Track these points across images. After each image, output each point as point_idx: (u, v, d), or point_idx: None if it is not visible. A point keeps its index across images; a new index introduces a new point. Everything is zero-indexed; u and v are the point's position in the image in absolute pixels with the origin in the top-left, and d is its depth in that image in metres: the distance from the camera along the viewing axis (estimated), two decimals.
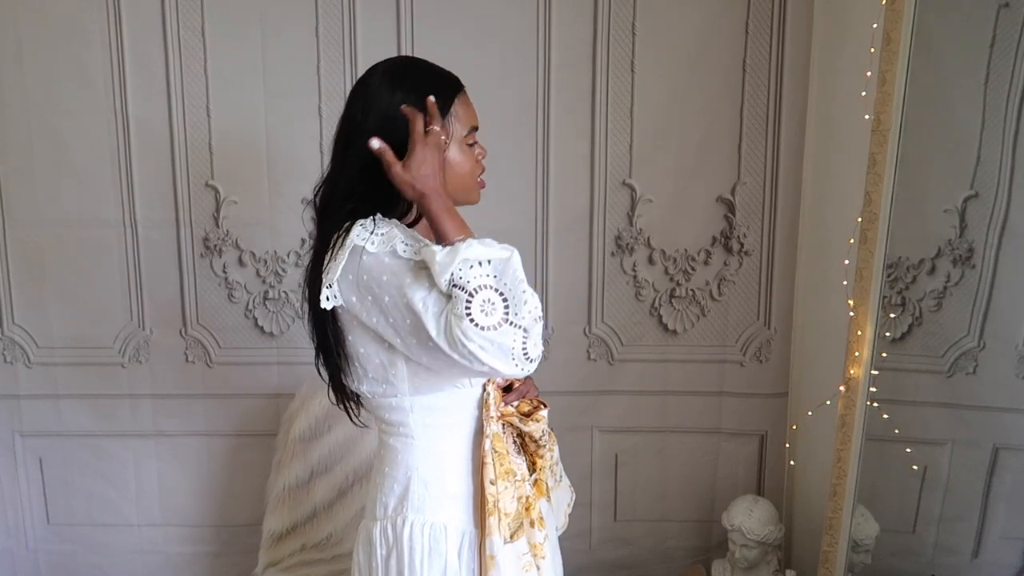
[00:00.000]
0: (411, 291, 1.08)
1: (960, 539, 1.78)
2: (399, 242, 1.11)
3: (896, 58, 1.62)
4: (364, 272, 1.11)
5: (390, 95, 1.15)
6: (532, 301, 1.05)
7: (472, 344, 1.02)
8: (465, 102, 1.23)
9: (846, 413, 1.82)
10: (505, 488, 1.22)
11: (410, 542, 1.22)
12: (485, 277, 1.04)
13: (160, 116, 2.10)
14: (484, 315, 1.02)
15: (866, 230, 1.72)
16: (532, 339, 1.05)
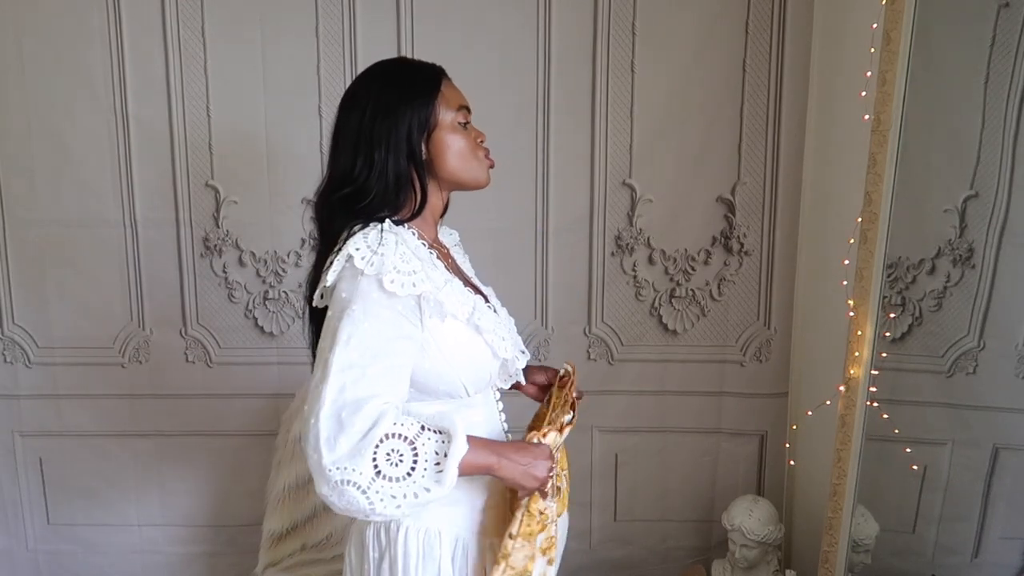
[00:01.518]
0: (347, 331, 1.09)
1: (960, 539, 1.78)
2: (391, 269, 1.11)
3: (896, 58, 1.61)
4: (342, 279, 1.13)
5: (383, 94, 1.20)
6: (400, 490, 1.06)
7: (311, 448, 1.04)
8: (450, 86, 1.28)
9: (846, 413, 1.82)
10: (522, 546, 1.22)
11: (404, 546, 1.22)
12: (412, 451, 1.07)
13: (160, 116, 2.10)
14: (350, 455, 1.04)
15: (866, 230, 1.72)
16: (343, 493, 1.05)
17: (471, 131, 1.28)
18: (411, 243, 1.18)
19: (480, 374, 1.25)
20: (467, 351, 1.22)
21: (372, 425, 1.06)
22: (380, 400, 1.08)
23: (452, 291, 1.19)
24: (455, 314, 1.18)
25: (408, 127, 1.20)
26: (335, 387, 1.06)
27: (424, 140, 1.22)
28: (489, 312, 1.28)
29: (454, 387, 1.22)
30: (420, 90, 1.23)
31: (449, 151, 1.24)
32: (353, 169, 1.20)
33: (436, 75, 1.27)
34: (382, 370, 1.09)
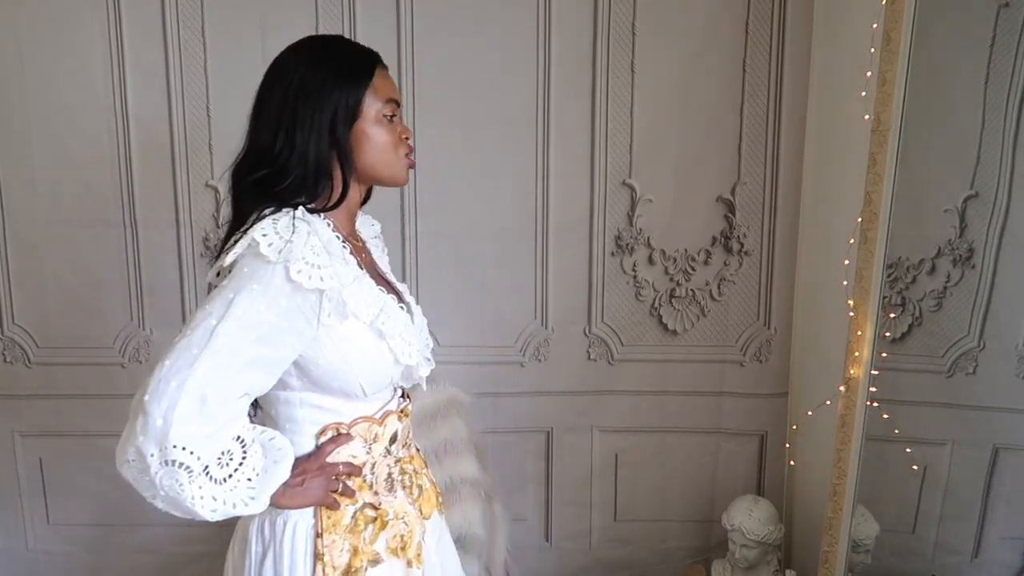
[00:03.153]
0: (242, 307, 1.03)
1: (960, 539, 1.78)
2: (299, 259, 1.05)
3: (896, 58, 1.61)
4: (243, 261, 1.07)
5: (312, 73, 1.14)
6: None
7: (152, 409, 1.01)
8: (383, 75, 1.21)
9: (846, 413, 1.82)
10: (333, 541, 1.18)
11: (292, 541, 1.18)
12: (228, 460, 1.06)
13: (160, 116, 2.10)
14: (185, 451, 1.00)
15: (866, 230, 1.72)
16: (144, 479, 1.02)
17: (396, 126, 1.21)
18: (324, 235, 1.13)
19: (378, 377, 1.20)
20: (365, 353, 1.16)
21: (229, 421, 1.04)
22: (241, 391, 1.05)
23: (360, 290, 1.15)
24: (358, 315, 1.13)
25: (333, 112, 1.14)
26: (211, 361, 1.00)
27: (347, 129, 1.16)
28: (399, 314, 1.22)
29: (350, 386, 1.17)
30: (351, 74, 1.16)
31: (370, 143, 1.18)
32: (273, 147, 1.14)
33: (370, 61, 1.20)
34: (261, 360, 1.05)
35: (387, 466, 1.25)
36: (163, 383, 1.00)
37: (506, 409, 2.29)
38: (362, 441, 1.22)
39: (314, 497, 1.17)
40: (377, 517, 1.23)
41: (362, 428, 1.22)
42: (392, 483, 1.25)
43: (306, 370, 1.15)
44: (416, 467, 1.33)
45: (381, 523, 1.22)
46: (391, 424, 1.26)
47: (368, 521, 1.22)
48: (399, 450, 1.28)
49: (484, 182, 2.16)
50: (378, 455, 1.24)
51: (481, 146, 2.14)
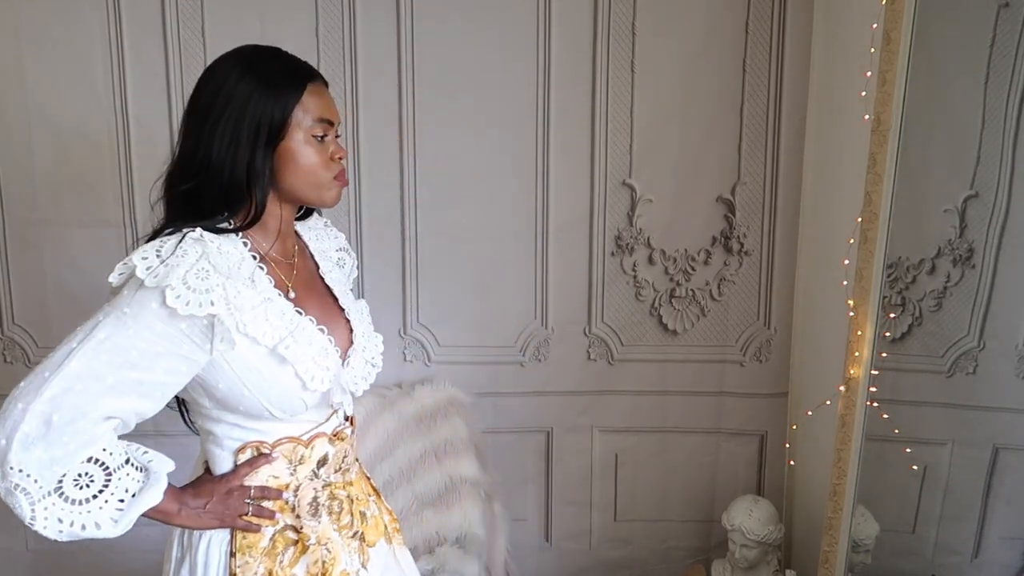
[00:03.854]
0: (106, 332, 1.01)
1: (960, 539, 1.78)
2: (179, 284, 1.01)
3: (896, 58, 1.61)
4: (126, 282, 1.06)
5: (240, 83, 1.10)
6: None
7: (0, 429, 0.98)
8: (317, 92, 1.15)
9: (846, 413, 1.82)
10: (246, 563, 1.16)
11: (206, 554, 1.18)
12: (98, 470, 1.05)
13: (160, 116, 2.10)
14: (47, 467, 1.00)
15: (866, 230, 1.72)
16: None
17: (328, 146, 1.16)
18: (229, 257, 1.09)
19: (286, 402, 1.14)
20: (265, 378, 1.11)
21: (81, 446, 1.01)
22: (99, 416, 1.02)
23: (263, 313, 1.10)
24: (257, 339, 1.08)
25: (256, 126, 1.09)
26: (61, 386, 0.98)
27: (271, 146, 1.11)
28: (315, 337, 1.16)
29: (255, 409, 1.13)
30: (278, 89, 1.11)
31: (293, 164, 1.13)
32: (193, 157, 1.10)
33: (302, 77, 1.14)
34: (130, 384, 1.03)
35: (313, 490, 1.20)
36: (11, 404, 0.99)
37: (506, 409, 2.29)
38: (286, 462, 1.18)
39: (218, 520, 1.16)
40: (299, 540, 1.19)
41: (286, 448, 1.18)
42: (317, 507, 1.21)
43: (210, 392, 1.13)
44: (355, 493, 1.28)
45: (302, 547, 1.19)
46: (320, 447, 1.21)
47: (288, 543, 1.19)
48: (330, 474, 1.23)
49: (484, 182, 2.16)
50: (303, 477, 1.20)
51: (481, 146, 2.14)
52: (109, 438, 1.06)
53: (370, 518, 1.30)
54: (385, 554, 1.33)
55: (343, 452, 1.26)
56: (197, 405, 1.18)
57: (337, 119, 1.18)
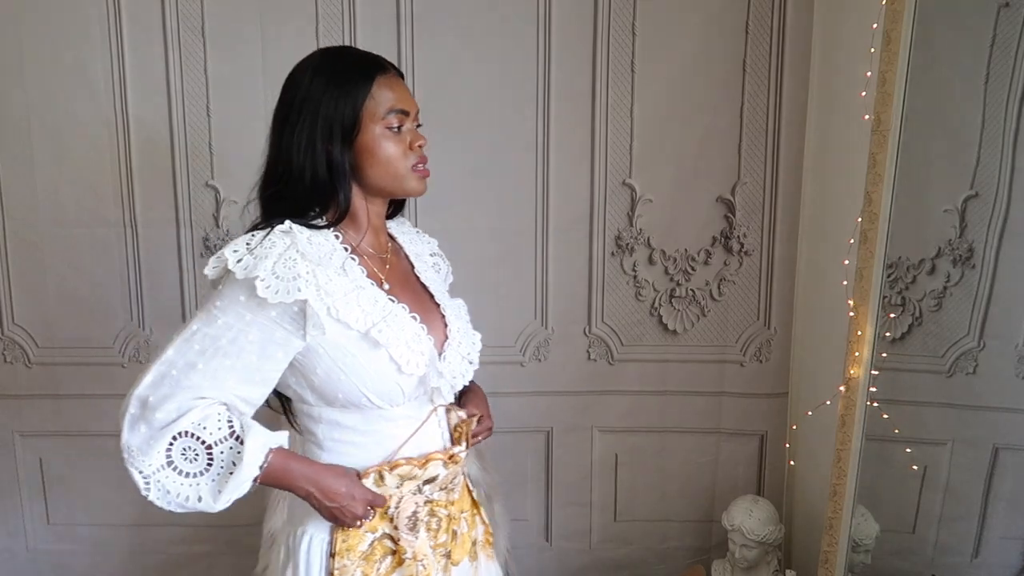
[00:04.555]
0: (198, 325, 1.10)
1: (960, 539, 1.78)
2: (268, 274, 1.07)
3: (896, 58, 1.61)
4: (222, 279, 1.13)
5: (311, 86, 1.16)
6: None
7: (119, 416, 1.09)
8: (387, 84, 1.17)
9: (846, 413, 1.82)
10: (344, 566, 1.19)
11: (307, 554, 1.21)
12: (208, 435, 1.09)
13: (160, 116, 2.10)
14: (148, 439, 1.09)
15: (866, 230, 1.72)
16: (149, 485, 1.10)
17: (406, 136, 1.18)
18: (316, 247, 1.14)
19: (382, 386, 1.17)
20: (360, 362, 1.14)
21: (172, 420, 1.07)
22: (192, 396, 1.08)
23: (355, 299, 1.13)
24: (349, 323, 1.12)
25: (329, 126, 1.14)
26: (159, 373, 1.08)
27: (347, 143, 1.14)
28: (408, 324, 1.18)
29: (354, 397, 1.16)
30: (346, 87, 1.14)
31: (372, 158, 1.16)
32: (277, 162, 1.17)
33: (370, 71, 1.17)
34: (218, 371, 1.09)
35: (415, 504, 1.22)
36: (127, 393, 1.10)
37: (506, 409, 2.29)
38: (397, 477, 1.21)
39: (335, 517, 1.19)
40: (396, 552, 1.22)
41: (403, 470, 1.22)
42: (415, 522, 1.22)
43: (310, 380, 1.16)
44: (454, 512, 1.29)
45: (398, 559, 1.21)
46: (433, 468, 1.24)
47: (386, 552, 1.22)
48: (435, 492, 1.25)
49: (484, 182, 2.16)
50: (407, 492, 1.22)
51: (481, 146, 2.14)
52: (197, 414, 1.09)
53: (459, 535, 1.31)
54: (466, 571, 1.34)
55: (454, 474, 1.28)
56: (300, 401, 1.21)
57: (412, 108, 1.20)
